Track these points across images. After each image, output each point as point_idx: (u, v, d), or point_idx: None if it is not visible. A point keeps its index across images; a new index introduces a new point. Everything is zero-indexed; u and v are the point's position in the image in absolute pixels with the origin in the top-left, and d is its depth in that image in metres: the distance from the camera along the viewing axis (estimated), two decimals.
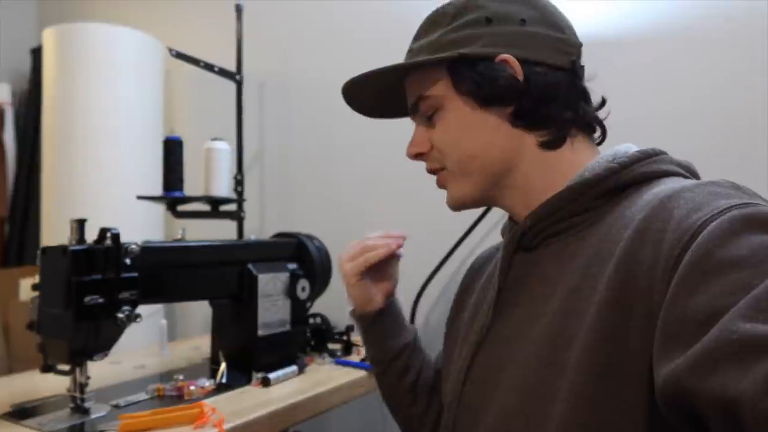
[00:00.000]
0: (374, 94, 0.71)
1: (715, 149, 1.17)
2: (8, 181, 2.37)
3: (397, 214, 1.54)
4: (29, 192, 2.34)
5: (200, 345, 1.38)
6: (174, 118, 2.05)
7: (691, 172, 0.62)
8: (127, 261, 0.86)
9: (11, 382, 1.06)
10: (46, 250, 0.84)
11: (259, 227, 1.82)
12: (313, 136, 1.72)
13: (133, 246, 0.86)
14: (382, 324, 0.83)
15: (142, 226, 1.74)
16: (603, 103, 0.69)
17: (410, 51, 0.68)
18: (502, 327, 0.64)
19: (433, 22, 0.66)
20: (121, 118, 1.78)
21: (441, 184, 0.69)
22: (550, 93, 0.63)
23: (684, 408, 0.42)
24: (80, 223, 0.86)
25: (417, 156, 0.69)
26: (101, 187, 1.73)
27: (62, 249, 0.81)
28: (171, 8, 2.17)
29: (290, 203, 1.77)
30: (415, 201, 1.50)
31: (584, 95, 0.66)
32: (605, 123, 0.68)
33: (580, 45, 0.66)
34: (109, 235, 0.85)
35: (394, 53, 0.77)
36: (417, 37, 0.68)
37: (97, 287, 0.83)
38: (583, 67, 0.67)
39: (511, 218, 0.71)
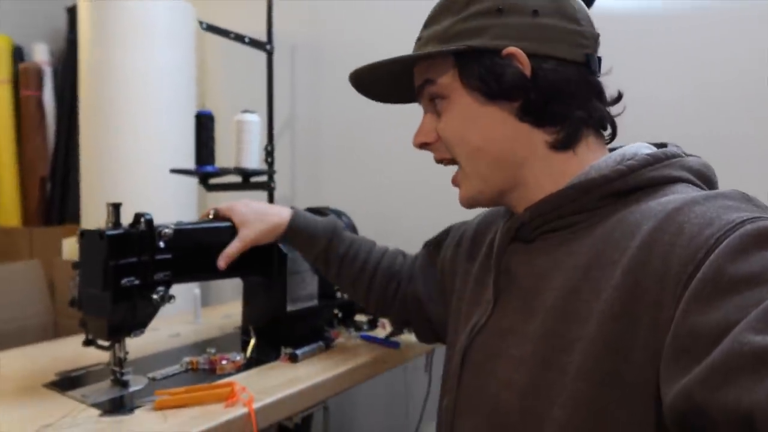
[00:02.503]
0: (384, 80, 0.72)
1: (749, 131, 1.13)
2: (49, 141, 2.44)
3: (428, 183, 1.54)
4: (69, 151, 2.40)
5: (231, 313, 1.43)
6: (207, 88, 2.07)
7: (704, 178, 0.60)
8: (161, 244, 0.89)
9: (57, 349, 1.12)
10: (84, 233, 0.87)
11: (290, 196, 1.85)
12: (345, 103, 1.71)
13: (167, 230, 0.89)
14: (292, 242, 1.01)
15: (175, 193, 1.79)
16: (618, 98, 0.66)
17: (419, 39, 0.68)
18: (499, 318, 0.66)
19: (444, 8, 0.65)
20: (156, 87, 1.80)
21: (455, 183, 0.69)
22: (560, 89, 0.61)
23: (694, 424, 0.43)
24: (116, 207, 0.89)
25: (423, 145, 0.70)
26: (136, 154, 1.77)
27: (99, 234, 0.84)
28: None
29: (320, 172, 1.79)
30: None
31: (598, 91, 0.64)
32: (620, 119, 0.66)
33: (596, 36, 0.64)
34: (143, 220, 0.87)
35: (423, 18, 0.72)
36: (427, 24, 0.67)
37: (133, 269, 0.87)
38: (599, 59, 0.64)
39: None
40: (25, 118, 2.38)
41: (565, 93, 0.61)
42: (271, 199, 1.57)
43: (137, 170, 1.75)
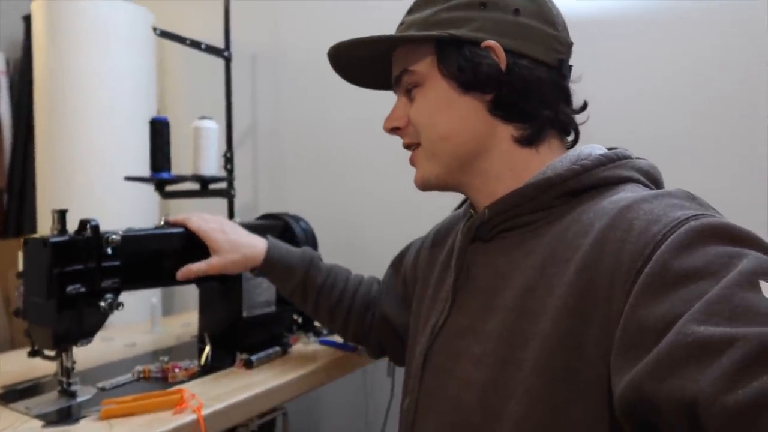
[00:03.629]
0: (362, 62, 0.72)
1: (691, 131, 1.17)
2: (5, 152, 2.38)
3: (389, 190, 1.54)
4: (26, 162, 2.35)
5: (191, 321, 1.41)
6: (167, 94, 2.05)
7: (651, 179, 0.63)
8: (109, 250, 0.88)
9: (4, 362, 1.09)
10: (27, 241, 0.86)
11: (252, 204, 1.83)
12: (306, 111, 1.71)
13: (114, 236, 0.88)
14: (267, 275, 0.98)
15: (137, 201, 1.76)
16: (584, 107, 0.69)
17: (402, 24, 0.69)
18: (457, 317, 0.67)
19: None
20: (113, 92, 1.77)
21: (412, 162, 0.70)
22: (532, 87, 0.63)
23: (643, 415, 0.44)
24: (61, 214, 0.87)
25: (393, 130, 0.71)
26: (93, 161, 1.73)
27: (43, 241, 0.83)
28: None
29: (283, 179, 1.78)
30: (406, 176, 1.50)
31: (566, 96, 0.67)
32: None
33: (570, 44, 0.67)
34: (89, 226, 0.86)
35: (388, 24, 0.76)
36: (411, 11, 0.68)
37: (79, 276, 0.85)
38: (570, 67, 0.67)
39: (472, 204, 0.72)
40: None
41: (536, 92, 0.63)
42: (231, 206, 1.56)
43: (94, 178, 1.72)
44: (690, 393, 0.39)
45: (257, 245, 0.97)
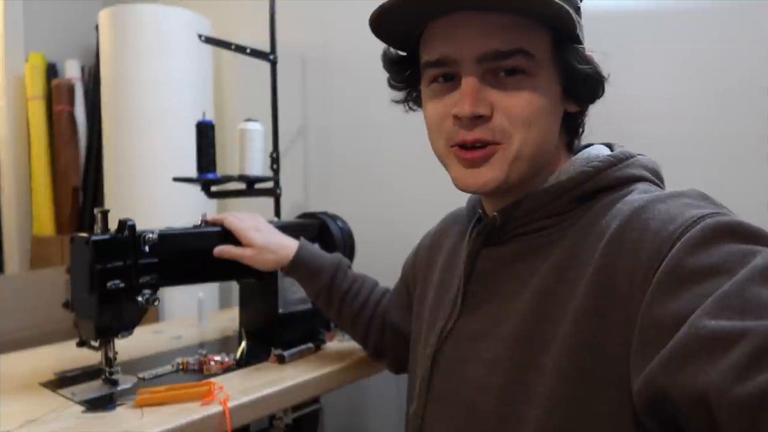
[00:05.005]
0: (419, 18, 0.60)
1: (698, 130, 1.13)
2: (80, 153, 2.55)
3: (440, 193, 1.54)
4: (99, 163, 2.51)
5: (237, 316, 1.46)
6: (224, 98, 2.13)
7: (656, 175, 0.62)
8: (146, 249, 0.93)
9: (61, 350, 1.18)
10: (73, 239, 0.92)
11: (302, 203, 1.88)
12: (354, 111, 1.73)
13: (150, 235, 0.93)
14: (295, 275, 0.99)
15: (194, 200, 1.84)
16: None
17: None
18: (468, 321, 0.66)
19: None
20: (172, 97, 1.86)
21: (484, 158, 0.59)
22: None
23: (660, 411, 0.45)
24: (104, 214, 0.93)
25: (475, 119, 0.57)
26: (154, 163, 1.83)
27: (85, 239, 0.89)
28: None
29: (331, 179, 1.81)
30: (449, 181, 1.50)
31: None
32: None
33: None
34: (126, 226, 0.92)
35: None
36: None
37: (119, 273, 0.91)
38: None
39: (480, 201, 0.71)
40: (57, 132, 2.49)
41: None
42: (277, 205, 1.60)
43: (153, 179, 1.81)
44: (701, 385, 0.39)
45: (288, 245, 1.00)
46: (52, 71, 2.58)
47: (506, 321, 0.60)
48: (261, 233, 1.01)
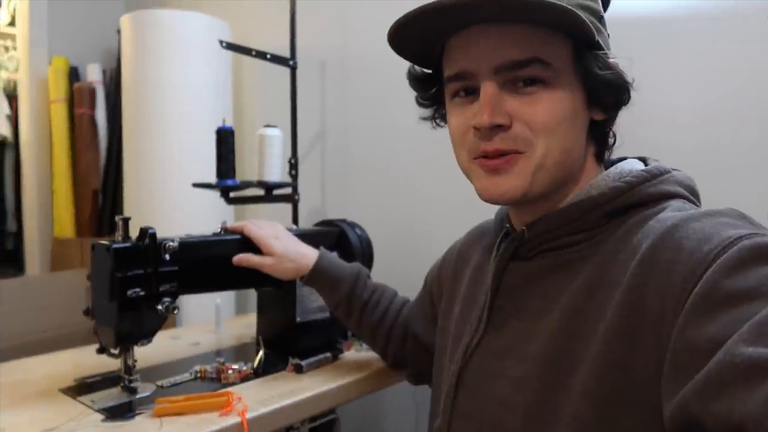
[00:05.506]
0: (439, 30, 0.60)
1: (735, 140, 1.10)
2: (101, 156, 2.57)
3: (460, 198, 1.53)
4: (119, 166, 2.53)
5: (254, 323, 1.46)
6: (243, 103, 2.13)
7: (692, 191, 0.61)
8: (166, 257, 0.93)
9: (81, 356, 1.19)
10: (95, 246, 0.92)
11: (321, 209, 1.87)
12: (373, 116, 1.72)
13: (171, 243, 0.93)
14: (314, 284, 0.99)
15: (212, 205, 1.85)
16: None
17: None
18: (495, 337, 0.65)
19: None
20: (191, 101, 1.87)
21: (503, 168, 0.58)
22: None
23: None
24: (125, 221, 0.93)
25: (495, 129, 0.57)
26: (173, 168, 1.84)
27: (107, 247, 0.89)
28: None
29: (350, 185, 1.81)
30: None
31: None
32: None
33: None
34: (147, 234, 0.91)
35: None
36: None
37: (139, 281, 0.91)
38: None
39: (507, 214, 0.70)
40: (79, 135, 2.52)
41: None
42: (295, 211, 1.60)
43: (172, 184, 1.82)
44: (738, 415, 0.38)
45: (308, 254, 0.99)
46: (74, 75, 2.61)
47: (534, 339, 0.59)
48: (280, 241, 1.01)
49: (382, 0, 1.65)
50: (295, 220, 1.61)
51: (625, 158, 0.66)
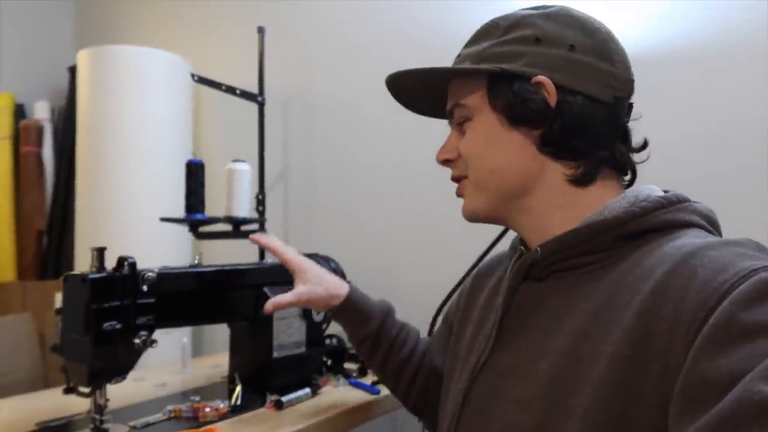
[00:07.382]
0: (421, 92, 0.73)
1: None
2: (47, 195, 2.47)
3: (420, 233, 1.55)
4: (66, 206, 2.43)
5: (221, 363, 1.41)
6: (202, 138, 2.11)
7: (711, 223, 0.61)
8: (144, 288, 0.90)
9: (40, 399, 1.11)
10: (68, 277, 0.88)
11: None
12: (337, 154, 1.74)
13: (150, 273, 0.90)
14: (342, 318, 0.91)
15: (171, 243, 1.80)
16: (644, 146, 0.67)
17: (458, 57, 0.69)
18: (502, 356, 0.64)
19: (485, 32, 0.67)
20: (152, 136, 1.84)
21: (459, 193, 0.70)
22: (583, 125, 0.61)
23: None
24: (100, 252, 0.89)
25: (445, 162, 0.71)
26: (132, 205, 1.79)
27: (82, 277, 0.85)
28: (198, 30, 2.23)
29: (314, 221, 1.80)
30: (437, 219, 1.52)
31: (623, 134, 0.65)
32: (644, 165, 0.67)
33: (630, 81, 0.65)
34: (126, 263, 0.88)
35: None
36: (468, 44, 0.69)
37: (115, 313, 0.87)
38: (630, 104, 0.65)
39: (522, 241, 0.71)
40: (24, 174, 2.41)
41: (589, 130, 0.62)
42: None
43: (132, 219, 1.77)
44: None
45: (341, 284, 0.92)
46: (20, 112, 2.52)
47: (539, 359, 0.59)
48: (313, 267, 0.94)
49: (342, 43, 1.70)
50: (262, 256, 1.58)
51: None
